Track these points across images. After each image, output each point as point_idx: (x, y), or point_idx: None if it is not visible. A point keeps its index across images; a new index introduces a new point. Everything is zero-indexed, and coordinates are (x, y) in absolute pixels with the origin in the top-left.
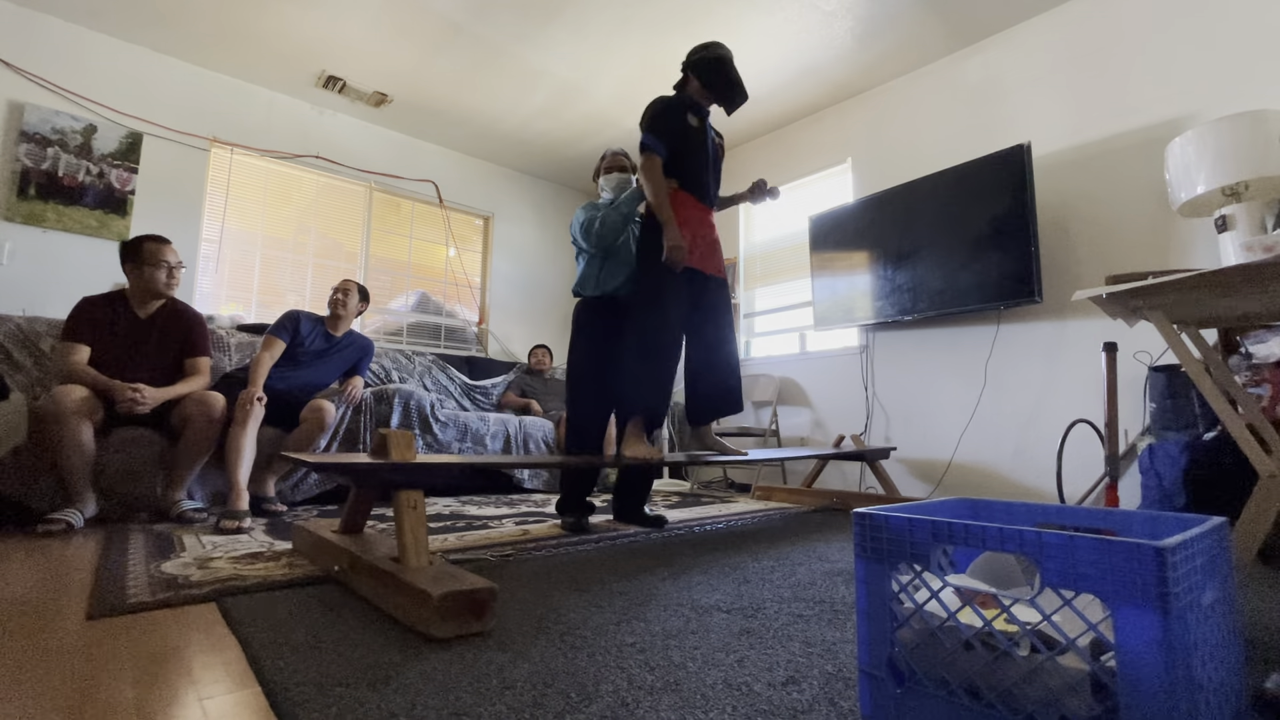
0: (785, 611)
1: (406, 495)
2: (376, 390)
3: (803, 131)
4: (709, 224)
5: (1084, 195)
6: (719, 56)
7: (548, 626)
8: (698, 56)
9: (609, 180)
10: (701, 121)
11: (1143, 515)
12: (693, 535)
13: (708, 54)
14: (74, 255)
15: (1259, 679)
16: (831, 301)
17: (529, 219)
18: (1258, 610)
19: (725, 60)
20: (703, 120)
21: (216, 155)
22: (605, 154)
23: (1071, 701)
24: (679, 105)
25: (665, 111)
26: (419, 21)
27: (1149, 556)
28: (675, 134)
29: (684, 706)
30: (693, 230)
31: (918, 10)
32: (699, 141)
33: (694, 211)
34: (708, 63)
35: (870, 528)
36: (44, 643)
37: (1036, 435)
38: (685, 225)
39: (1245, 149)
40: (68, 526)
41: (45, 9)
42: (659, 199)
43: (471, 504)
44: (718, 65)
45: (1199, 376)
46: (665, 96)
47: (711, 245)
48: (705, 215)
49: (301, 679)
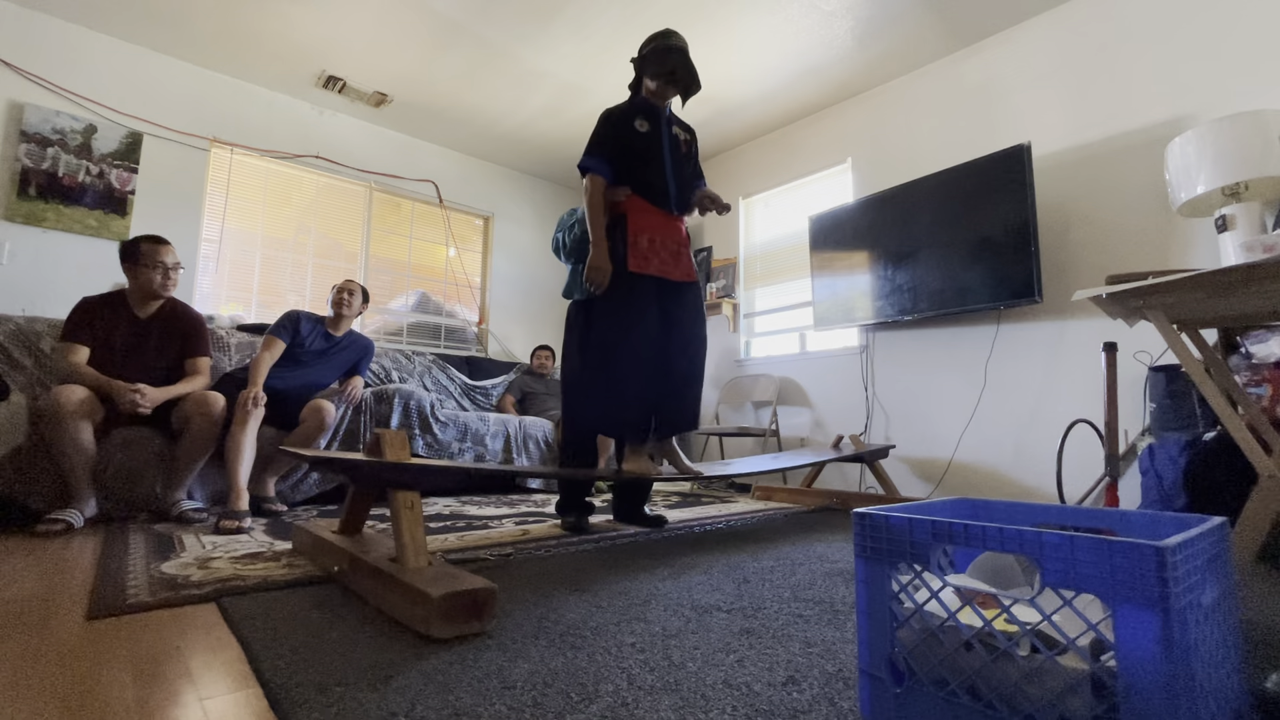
0: (785, 611)
1: (403, 496)
2: (376, 390)
3: (803, 131)
4: (673, 228)
5: (1084, 195)
6: (657, 47)
7: (548, 626)
8: (642, 50)
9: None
10: (653, 123)
11: (1143, 515)
12: (693, 535)
13: (649, 47)
14: (74, 255)
15: (1259, 679)
16: (831, 301)
17: (529, 219)
18: (1258, 610)
19: (666, 50)
20: (655, 121)
21: (216, 155)
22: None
23: (1071, 701)
24: (620, 115)
25: (603, 125)
26: (419, 21)
27: (1149, 556)
28: (617, 144)
29: (684, 706)
30: (650, 235)
31: (918, 10)
32: (651, 145)
33: (651, 218)
34: (646, 56)
35: (870, 528)
36: (44, 643)
37: (1036, 435)
38: (642, 231)
39: (1245, 149)
40: (68, 526)
41: (45, 9)
42: (592, 218)
43: (471, 504)
44: (654, 57)
45: (1199, 376)
46: (609, 109)
47: (675, 251)
48: (666, 219)
49: (301, 679)
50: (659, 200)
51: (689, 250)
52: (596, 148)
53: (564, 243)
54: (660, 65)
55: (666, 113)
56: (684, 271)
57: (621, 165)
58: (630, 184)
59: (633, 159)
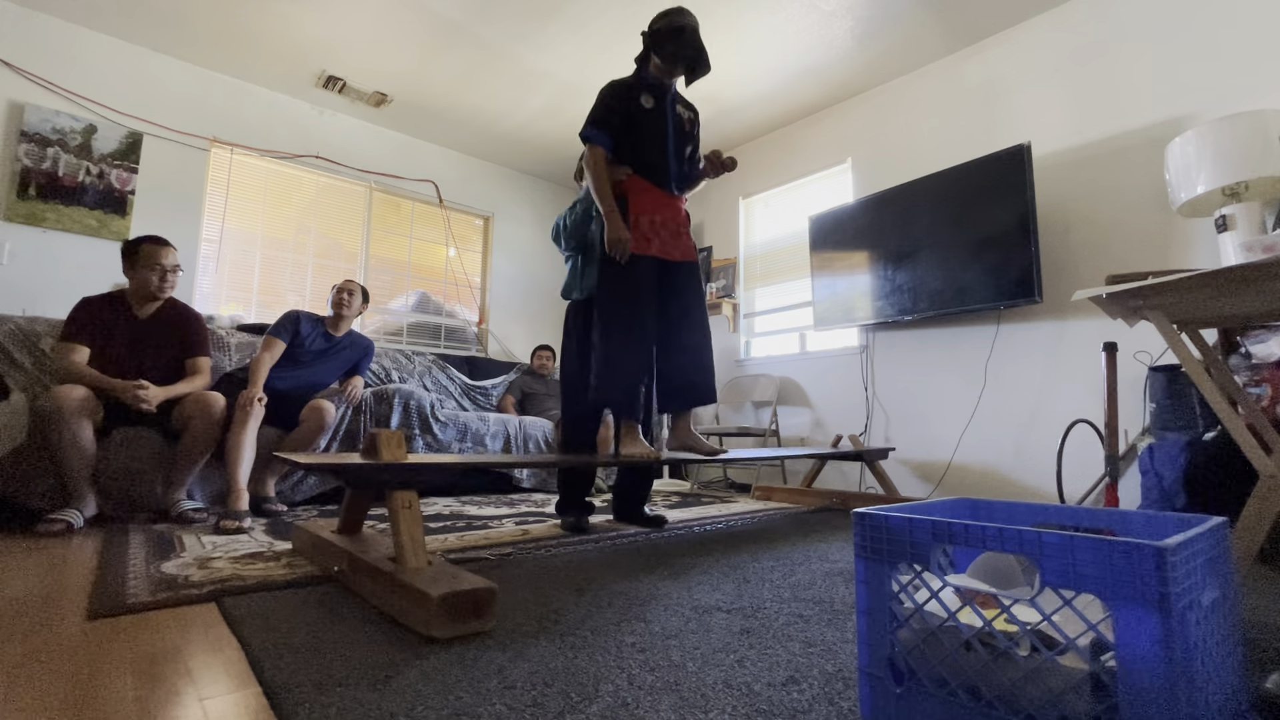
0: (785, 611)
1: (400, 495)
2: (376, 390)
3: (803, 131)
4: (673, 208)
5: (1084, 195)
6: (672, 26)
7: (548, 626)
8: (653, 25)
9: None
10: (659, 100)
11: (1143, 515)
12: (693, 535)
13: (661, 23)
14: (74, 255)
15: (1259, 679)
16: (831, 301)
17: (529, 219)
18: (1258, 610)
19: (680, 29)
20: (660, 98)
21: (216, 155)
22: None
23: (1071, 701)
24: (625, 88)
25: (608, 97)
26: (419, 21)
27: (1149, 556)
28: (621, 118)
29: (684, 706)
30: (650, 216)
31: (918, 10)
32: (655, 122)
33: (652, 198)
34: (658, 33)
35: (870, 528)
36: (44, 643)
37: (1036, 435)
38: (643, 212)
39: (1245, 149)
40: (68, 526)
41: (45, 9)
42: (598, 189)
43: (471, 504)
44: (669, 35)
45: (1199, 376)
46: (614, 80)
47: (675, 230)
48: (666, 199)
49: (301, 679)
50: (660, 180)
51: (689, 230)
52: (600, 119)
53: (565, 224)
54: (678, 46)
55: (672, 90)
56: (684, 252)
57: (624, 140)
58: (631, 162)
59: (636, 135)
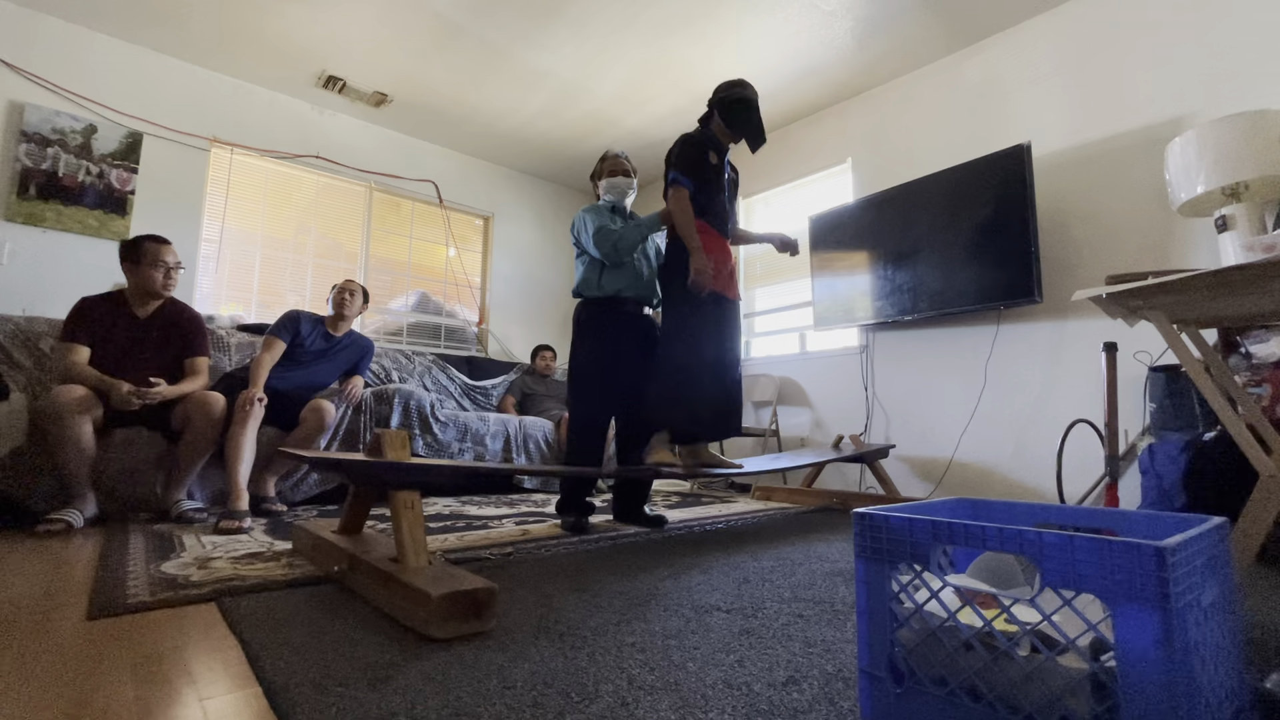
0: (785, 611)
1: (403, 495)
2: (376, 390)
3: (803, 131)
4: (727, 252)
5: (1084, 195)
6: (742, 99)
7: (548, 626)
8: (722, 95)
9: (611, 184)
10: (720, 158)
11: (1143, 515)
12: (693, 535)
13: (731, 94)
14: (74, 255)
15: (1259, 679)
16: (831, 301)
17: (529, 219)
18: (1258, 610)
19: (748, 102)
20: (721, 157)
21: (216, 155)
22: (606, 155)
23: (1071, 701)
24: (702, 143)
25: (692, 150)
26: (419, 21)
27: (1149, 556)
28: (699, 170)
29: (684, 706)
30: (715, 257)
31: (918, 10)
32: (718, 177)
33: (714, 241)
34: (731, 104)
35: (870, 528)
36: (44, 643)
37: (1036, 435)
38: (710, 254)
39: (1245, 149)
40: (68, 526)
41: (45, 9)
42: (687, 229)
43: (471, 504)
44: (740, 108)
45: (1199, 376)
46: (690, 135)
47: (730, 273)
48: (724, 245)
49: (301, 679)
50: (720, 227)
51: (737, 274)
52: (688, 169)
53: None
54: (748, 123)
55: (728, 152)
56: (735, 292)
57: (696, 189)
58: (699, 209)
59: (705, 186)
